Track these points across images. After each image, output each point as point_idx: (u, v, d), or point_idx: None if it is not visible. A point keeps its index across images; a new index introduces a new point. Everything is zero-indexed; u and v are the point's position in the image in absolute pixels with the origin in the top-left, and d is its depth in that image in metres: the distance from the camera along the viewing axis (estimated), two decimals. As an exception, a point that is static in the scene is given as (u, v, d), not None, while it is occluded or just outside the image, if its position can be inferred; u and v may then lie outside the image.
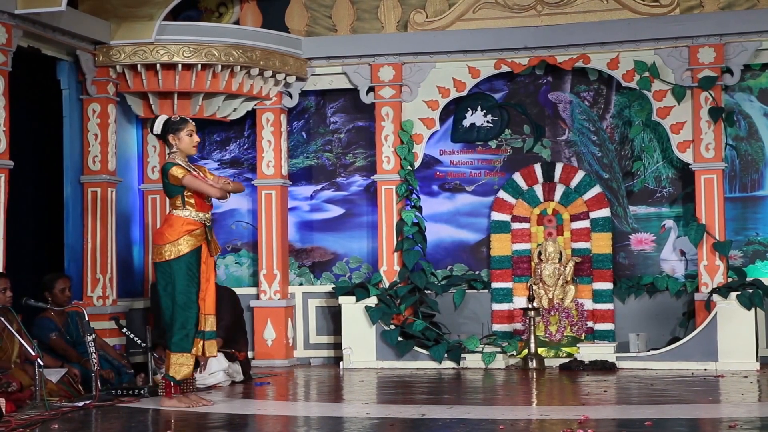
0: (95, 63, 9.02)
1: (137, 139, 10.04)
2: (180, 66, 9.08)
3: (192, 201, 6.79)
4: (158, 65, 9.06)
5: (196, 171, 6.88)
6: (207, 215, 6.87)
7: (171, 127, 6.88)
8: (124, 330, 7.67)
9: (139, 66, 9.06)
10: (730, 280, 8.95)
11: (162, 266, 6.78)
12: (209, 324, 6.83)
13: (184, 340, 6.69)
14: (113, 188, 9.15)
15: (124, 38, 8.98)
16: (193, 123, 7.01)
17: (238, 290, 8.70)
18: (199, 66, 9.12)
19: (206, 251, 6.84)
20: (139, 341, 7.52)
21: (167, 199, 6.97)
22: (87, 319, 7.19)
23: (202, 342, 6.78)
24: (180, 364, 6.71)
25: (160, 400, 6.78)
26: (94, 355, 6.99)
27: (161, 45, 9.02)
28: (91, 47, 8.96)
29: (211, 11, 10.02)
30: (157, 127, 6.91)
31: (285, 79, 9.66)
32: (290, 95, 9.88)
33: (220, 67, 9.19)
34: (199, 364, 7.48)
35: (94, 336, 7.10)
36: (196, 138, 6.94)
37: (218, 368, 7.89)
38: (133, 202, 9.92)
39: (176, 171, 6.73)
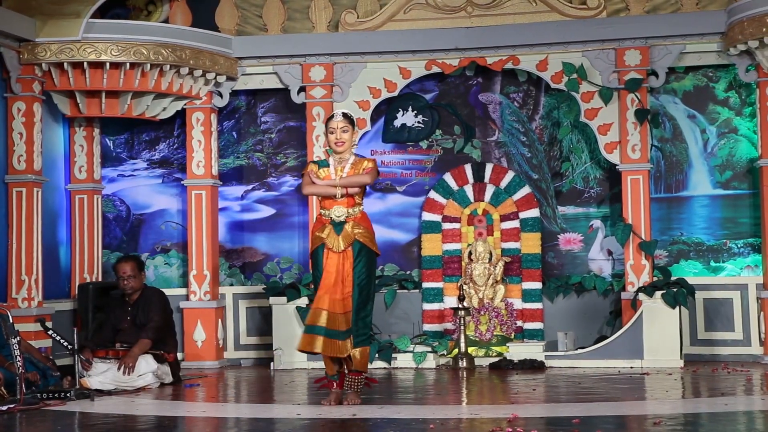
0: (20, 60, 8.86)
1: (64, 138, 9.89)
2: (108, 64, 8.97)
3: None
4: (85, 63, 8.93)
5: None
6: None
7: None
8: (50, 332, 7.53)
9: (65, 64, 8.92)
10: (655, 279, 9.11)
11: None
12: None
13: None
14: (39, 188, 8.99)
15: (50, 36, 8.84)
16: (337, 119, 6.75)
17: (167, 291, 8.61)
18: (128, 65, 9.01)
19: None
20: (65, 343, 7.39)
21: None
22: (11, 321, 7.04)
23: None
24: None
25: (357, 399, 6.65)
26: (18, 358, 6.86)
27: (88, 43, 8.90)
28: (15, 44, 8.80)
29: (139, 9, 9.90)
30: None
31: (215, 78, 9.59)
32: (220, 95, 9.81)
33: (149, 66, 9.09)
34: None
35: (18, 338, 6.96)
36: (334, 137, 6.73)
37: (147, 370, 7.81)
38: (59, 202, 9.77)
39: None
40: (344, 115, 6.77)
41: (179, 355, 8.67)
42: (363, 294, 6.63)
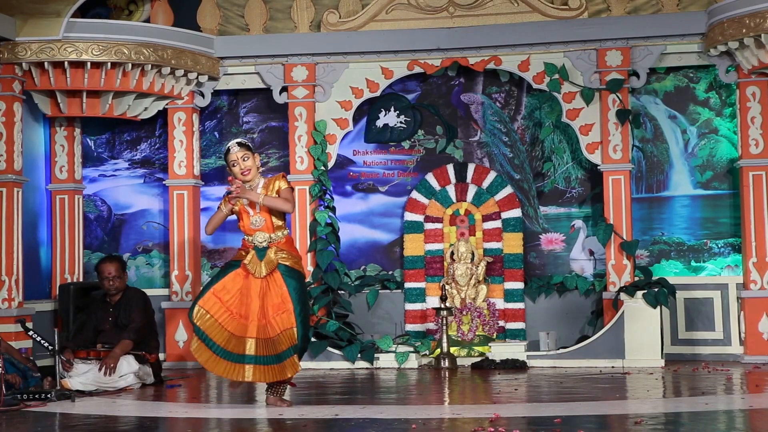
0: (0, 60, 8.81)
1: (45, 138, 9.85)
2: (89, 64, 8.93)
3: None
4: (66, 63, 8.89)
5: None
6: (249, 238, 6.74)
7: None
8: (31, 333, 7.50)
9: (46, 63, 8.88)
10: (636, 279, 9.14)
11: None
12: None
13: None
14: (19, 188, 8.95)
15: (30, 35, 8.79)
16: (234, 150, 6.65)
17: (149, 291, 8.58)
18: (109, 64, 8.98)
19: None
20: (46, 344, 7.36)
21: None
22: (-8, 322, 7.02)
23: None
24: None
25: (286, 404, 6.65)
26: (-1, 359, 6.84)
27: (69, 42, 8.86)
28: (-5, 44, 8.76)
29: (120, 9, 9.87)
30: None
31: (197, 78, 9.57)
32: (202, 95, 9.79)
33: (130, 65, 9.06)
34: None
35: (-1, 339, 6.94)
36: (237, 168, 6.65)
37: (128, 371, 7.78)
38: (40, 203, 9.73)
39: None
40: (239, 144, 6.72)
41: (161, 356, 8.64)
42: (305, 309, 6.62)
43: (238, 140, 6.80)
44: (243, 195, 6.64)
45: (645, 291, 8.83)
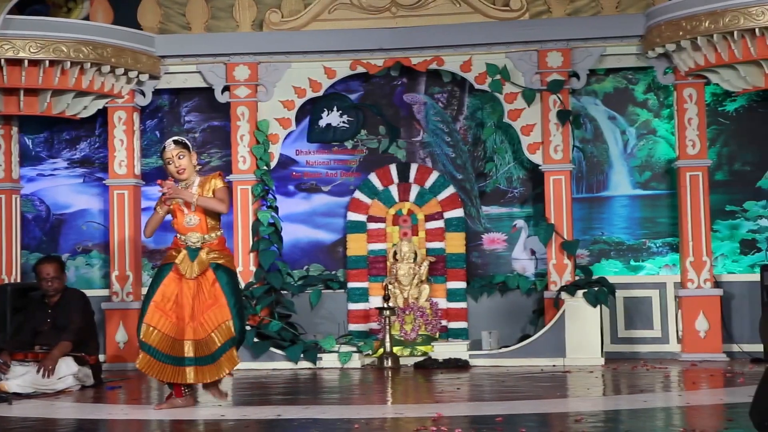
0: (-65, 57, 8.65)
1: (-19, 136, 9.68)
2: (26, 62, 8.79)
3: None
4: (3, 60, 8.74)
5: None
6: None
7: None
8: (-32, 335, 7.38)
9: (-18, 61, 8.73)
10: (577, 278, 9.24)
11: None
12: None
13: None
14: (-45, 188, 8.77)
15: (-34, 32, 8.64)
16: (170, 148, 6.62)
17: (88, 292, 8.47)
18: (47, 62, 8.85)
19: None
20: (-17, 346, 7.24)
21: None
22: (-74, 324, 6.89)
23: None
24: None
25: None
26: (-66, 362, 6.70)
27: (6, 39, 8.71)
28: (-70, 40, 8.58)
29: (59, 6, 9.72)
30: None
31: (137, 77, 9.47)
32: (143, 93, 9.69)
33: (69, 63, 8.93)
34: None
35: (-67, 342, 6.81)
36: (173, 167, 6.60)
37: (67, 372, 7.68)
38: (-24, 202, 9.56)
39: None
40: (175, 142, 6.68)
41: (101, 357, 8.54)
42: (239, 302, 6.61)
43: (175, 138, 6.75)
44: (176, 195, 6.58)
45: (585, 290, 8.92)
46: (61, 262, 8.16)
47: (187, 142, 6.74)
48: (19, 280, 9.65)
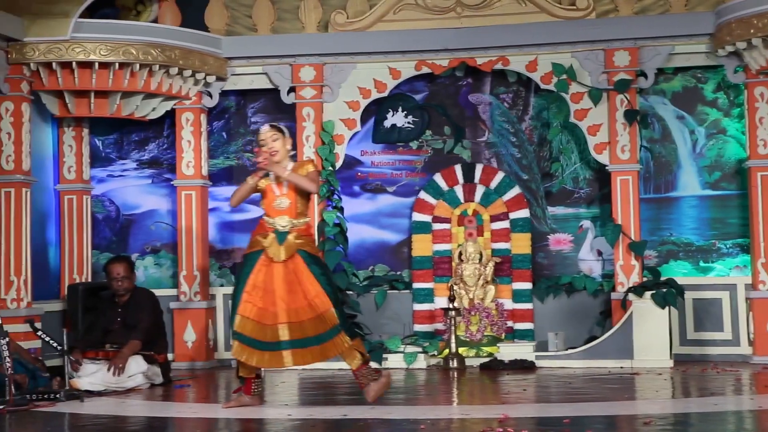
0: (8, 60, 8.82)
1: (53, 138, 9.86)
2: (97, 64, 8.94)
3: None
4: (74, 63, 8.90)
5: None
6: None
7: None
8: (40, 333, 7.51)
9: (54, 64, 8.89)
10: (645, 279, 9.13)
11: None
12: None
13: None
14: (28, 188, 8.96)
15: (38, 35, 8.81)
16: (264, 130, 6.70)
17: (157, 292, 8.58)
18: (117, 65, 8.99)
19: None
20: (55, 344, 7.37)
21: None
22: (0, 322, 7.03)
23: None
24: None
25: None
26: (7, 359, 6.84)
27: (77, 43, 8.87)
28: (3, 44, 8.76)
29: (128, 9, 9.87)
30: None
31: (205, 78, 9.57)
32: (210, 95, 9.80)
33: (138, 66, 9.06)
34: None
35: (7, 339, 6.94)
36: (266, 149, 6.64)
37: (137, 371, 7.79)
38: (48, 203, 9.75)
39: None
40: (271, 125, 6.73)
41: (169, 356, 8.65)
42: (335, 290, 6.61)
43: (272, 122, 6.83)
44: (269, 167, 6.60)
45: (653, 291, 8.82)
46: (130, 262, 8.28)
47: (283, 127, 6.77)
48: (90, 280, 9.81)
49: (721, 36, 8.93)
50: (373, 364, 6.96)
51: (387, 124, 9.89)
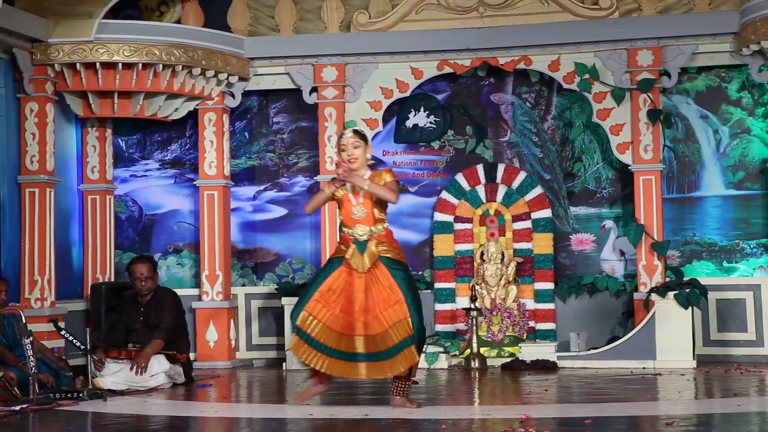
0: (32, 61, 8.89)
1: (77, 138, 9.92)
2: (120, 65, 8.99)
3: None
4: (98, 64, 8.95)
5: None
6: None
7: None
8: (63, 332, 7.56)
9: (78, 65, 8.94)
10: (668, 279, 9.08)
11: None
12: None
13: None
14: (52, 189, 9.02)
15: (62, 36, 8.87)
16: (347, 135, 6.55)
17: (179, 291, 8.62)
18: (140, 65, 9.04)
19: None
20: (78, 344, 7.41)
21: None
22: (24, 321, 7.07)
23: None
24: None
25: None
26: (31, 359, 6.88)
27: (101, 43, 8.92)
28: (28, 45, 8.83)
29: (151, 10, 9.93)
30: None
31: (227, 79, 9.60)
32: (233, 95, 9.83)
33: (161, 66, 9.11)
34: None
35: (31, 339, 6.99)
36: (345, 154, 6.51)
37: (159, 370, 7.82)
38: (72, 203, 9.80)
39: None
40: (354, 131, 6.61)
41: (191, 356, 8.69)
42: (416, 298, 6.46)
43: (355, 128, 6.79)
44: (349, 179, 6.46)
45: (676, 292, 8.77)
46: (153, 262, 8.32)
47: (366, 135, 6.67)
48: (113, 280, 9.87)
49: (746, 35, 8.87)
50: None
51: (409, 124, 9.89)
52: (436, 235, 9.65)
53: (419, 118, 9.88)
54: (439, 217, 9.66)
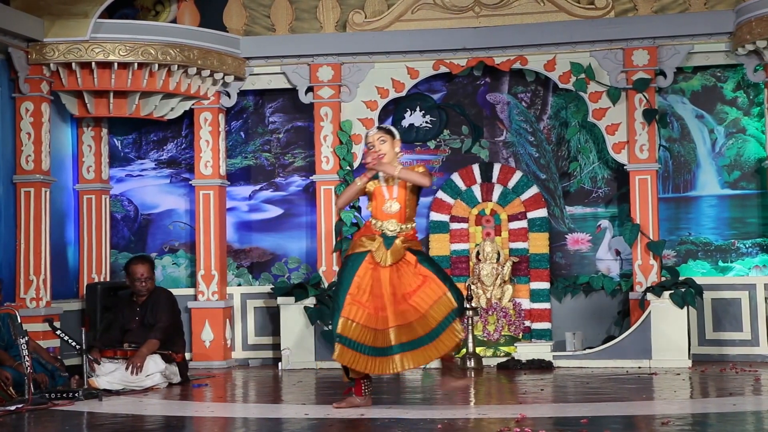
0: (28, 61, 8.87)
1: (72, 138, 9.91)
2: (116, 65, 8.98)
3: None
4: (93, 63, 8.94)
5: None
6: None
7: None
8: (58, 332, 7.56)
9: (73, 64, 8.93)
10: (663, 279, 9.09)
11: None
12: None
13: None
14: (47, 188, 9.01)
15: (58, 36, 8.86)
16: (372, 132, 6.56)
17: (175, 291, 8.61)
18: (136, 65, 9.03)
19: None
20: (73, 343, 7.41)
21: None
22: (19, 321, 7.07)
23: None
24: None
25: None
26: (26, 358, 6.88)
27: (96, 43, 8.91)
28: (23, 44, 8.82)
29: (147, 9, 9.92)
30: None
31: (223, 78, 9.60)
32: (228, 95, 9.82)
33: (156, 66, 9.10)
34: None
35: (26, 338, 6.98)
36: (372, 152, 6.49)
37: (155, 370, 7.82)
38: (68, 203, 9.79)
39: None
40: (379, 128, 6.57)
41: (187, 355, 8.68)
42: (444, 273, 6.43)
43: (381, 125, 6.74)
44: (379, 167, 6.42)
45: (672, 291, 8.78)
46: (152, 263, 8.33)
47: (392, 129, 6.61)
48: (108, 279, 9.86)
49: (741, 35, 8.88)
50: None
51: (405, 123, 9.89)
52: (431, 234, 9.65)
53: (415, 118, 9.88)
54: (435, 216, 9.66)
